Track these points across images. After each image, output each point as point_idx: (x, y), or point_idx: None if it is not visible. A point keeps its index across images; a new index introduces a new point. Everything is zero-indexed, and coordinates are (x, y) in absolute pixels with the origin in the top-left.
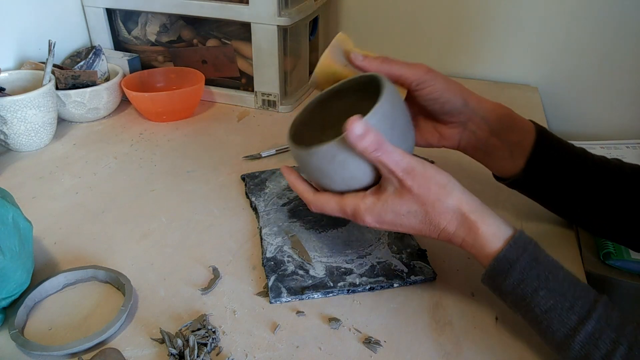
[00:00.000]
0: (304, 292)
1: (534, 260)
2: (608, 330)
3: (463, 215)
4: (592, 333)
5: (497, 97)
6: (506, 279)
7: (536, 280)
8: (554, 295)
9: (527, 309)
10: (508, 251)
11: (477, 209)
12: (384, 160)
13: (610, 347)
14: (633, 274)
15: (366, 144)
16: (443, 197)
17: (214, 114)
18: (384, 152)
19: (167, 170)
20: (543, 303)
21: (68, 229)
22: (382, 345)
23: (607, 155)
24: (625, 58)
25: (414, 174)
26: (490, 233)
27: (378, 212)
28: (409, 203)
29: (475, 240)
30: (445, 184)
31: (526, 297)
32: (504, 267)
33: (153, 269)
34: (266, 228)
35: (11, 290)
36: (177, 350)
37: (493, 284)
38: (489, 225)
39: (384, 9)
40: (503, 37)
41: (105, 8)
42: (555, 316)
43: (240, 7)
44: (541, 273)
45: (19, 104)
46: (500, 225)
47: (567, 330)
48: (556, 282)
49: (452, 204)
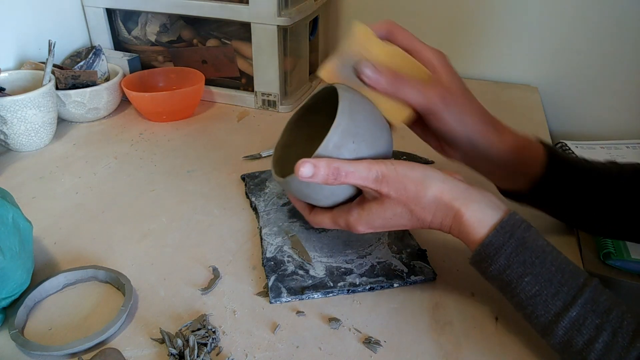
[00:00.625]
0: (304, 292)
1: (520, 246)
2: (592, 316)
3: (445, 204)
4: (576, 319)
5: (497, 97)
6: (491, 264)
7: (522, 266)
8: (540, 281)
9: (513, 294)
10: (494, 237)
11: (460, 196)
12: (349, 182)
13: (594, 333)
14: (633, 274)
15: (322, 178)
16: (422, 192)
17: (214, 114)
18: (346, 175)
19: (167, 170)
20: (528, 289)
21: (68, 229)
22: (382, 345)
23: (607, 156)
24: (625, 58)
25: (386, 180)
26: (476, 219)
27: (367, 221)
28: (392, 207)
29: (460, 227)
30: (423, 179)
31: (511, 283)
32: (490, 253)
33: (153, 269)
34: (266, 228)
35: (11, 290)
36: (177, 350)
37: (479, 268)
38: (473, 211)
39: (384, 8)
40: (503, 37)
41: (105, 8)
42: (540, 302)
43: (240, 7)
44: (527, 259)
45: (19, 104)
46: (486, 210)
47: (551, 316)
48: (543, 268)
49: (432, 195)
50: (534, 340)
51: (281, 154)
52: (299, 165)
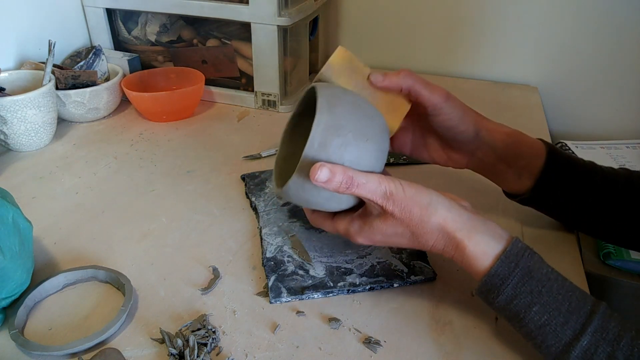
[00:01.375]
0: (304, 292)
1: (526, 275)
2: (604, 344)
3: (448, 234)
4: (587, 348)
5: (497, 97)
6: (498, 295)
7: (529, 296)
8: (548, 310)
9: (521, 325)
10: (499, 267)
11: (464, 227)
12: (358, 194)
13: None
14: (633, 274)
15: (335, 185)
16: (426, 217)
17: (214, 114)
18: (357, 186)
19: (167, 170)
20: (537, 319)
21: (68, 229)
22: (382, 345)
23: (607, 156)
24: (626, 58)
25: (393, 199)
26: (479, 251)
27: (367, 234)
28: (394, 226)
29: (462, 258)
30: (428, 204)
31: (519, 313)
32: (496, 284)
33: (153, 269)
34: (266, 228)
35: (11, 290)
36: (177, 350)
37: (486, 299)
38: (476, 243)
39: (384, 8)
40: (503, 37)
41: (105, 8)
42: (550, 331)
43: (240, 7)
44: (534, 288)
45: (19, 104)
46: (490, 241)
47: (562, 346)
48: (550, 296)
49: (436, 223)
50: None
51: (282, 166)
52: (316, 168)
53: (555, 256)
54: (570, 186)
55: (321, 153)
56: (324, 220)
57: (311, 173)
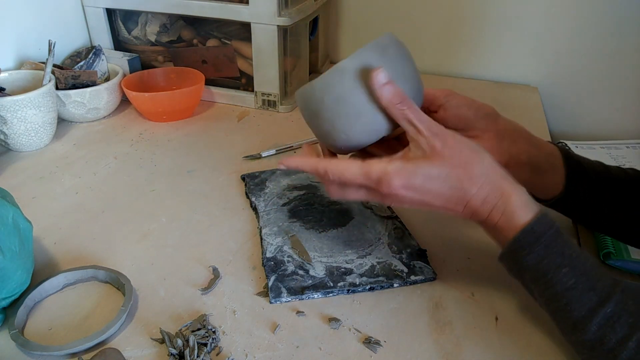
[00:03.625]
0: (304, 292)
1: (559, 238)
2: (626, 315)
3: (495, 180)
4: (611, 316)
5: (497, 97)
6: (530, 252)
7: (560, 257)
8: (576, 274)
9: (547, 286)
10: (536, 224)
11: (508, 177)
12: (410, 116)
13: (628, 332)
14: (633, 274)
15: (390, 95)
16: (475, 161)
17: (214, 114)
18: (410, 107)
19: (167, 170)
20: (565, 280)
21: (68, 229)
22: (382, 345)
23: (607, 156)
24: (626, 58)
25: (443, 137)
26: (522, 202)
27: (407, 175)
28: (440, 166)
29: (506, 207)
30: (478, 150)
31: (548, 273)
32: (530, 240)
33: (153, 269)
34: (266, 228)
35: (11, 290)
36: (177, 350)
37: (514, 257)
38: (520, 194)
39: (384, 8)
40: (503, 37)
41: (105, 8)
42: (576, 295)
43: (240, 7)
44: (566, 251)
45: (19, 104)
46: (529, 198)
47: (586, 310)
48: (579, 261)
49: (484, 168)
50: (534, 340)
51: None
52: (377, 70)
53: None
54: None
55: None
56: (349, 164)
57: (372, 71)
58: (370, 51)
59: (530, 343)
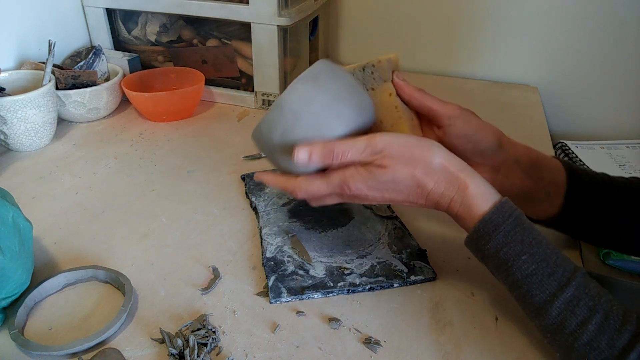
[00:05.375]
0: (304, 292)
1: (518, 225)
2: (586, 298)
3: (452, 173)
4: (571, 300)
5: (497, 97)
6: (490, 241)
7: (519, 245)
8: (536, 261)
9: (509, 273)
10: (494, 214)
11: (465, 169)
12: (350, 159)
13: (587, 315)
14: (633, 274)
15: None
16: (429, 158)
17: (214, 114)
18: (342, 154)
19: (167, 170)
20: (525, 267)
21: (68, 229)
22: (382, 345)
23: (607, 156)
24: (625, 58)
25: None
26: (479, 193)
27: (362, 179)
28: (393, 171)
29: (463, 198)
30: (429, 147)
31: (508, 261)
32: (489, 230)
33: (153, 269)
34: (266, 228)
35: (11, 290)
36: (177, 350)
37: (476, 246)
38: (477, 185)
39: (384, 8)
40: (503, 37)
41: (105, 8)
42: (536, 281)
43: (240, 7)
44: (525, 238)
45: (19, 104)
46: (488, 187)
47: (546, 295)
48: (539, 248)
49: (438, 162)
50: (534, 340)
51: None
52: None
53: None
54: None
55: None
56: (312, 179)
57: (294, 155)
58: (303, 82)
59: (530, 343)
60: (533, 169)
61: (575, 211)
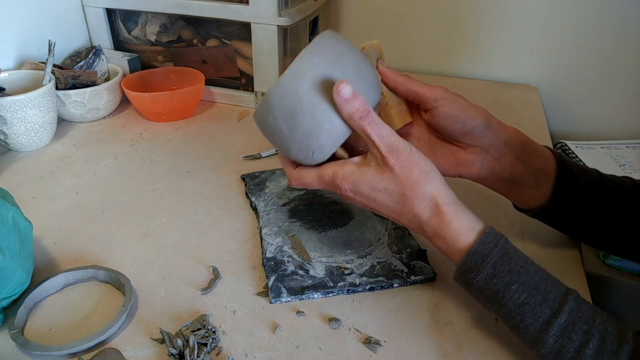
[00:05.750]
0: (304, 292)
1: (505, 255)
2: (580, 322)
3: (438, 205)
4: (565, 326)
5: (497, 97)
6: (478, 274)
7: (508, 275)
8: (527, 289)
9: (500, 304)
10: (480, 245)
11: (453, 203)
12: (368, 131)
13: (583, 339)
14: (633, 274)
15: (352, 109)
16: (423, 182)
17: (214, 114)
18: (370, 122)
19: (167, 170)
20: (516, 297)
21: (68, 229)
22: (382, 345)
23: (607, 156)
24: (625, 58)
25: (398, 154)
26: (464, 226)
27: (355, 181)
28: (387, 181)
29: (446, 232)
30: (428, 172)
31: (499, 292)
32: (476, 262)
33: (153, 269)
34: (266, 228)
35: (11, 290)
36: (177, 350)
37: (465, 280)
38: (461, 218)
39: (384, 8)
40: (503, 37)
41: (105, 8)
42: (529, 310)
43: (240, 7)
44: (513, 267)
45: (19, 104)
46: (473, 220)
47: (541, 324)
48: (528, 276)
49: (429, 191)
50: None
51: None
52: (340, 84)
53: (555, 256)
54: (584, 193)
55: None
56: (308, 171)
57: (335, 87)
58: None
59: None
60: (523, 153)
61: (564, 203)
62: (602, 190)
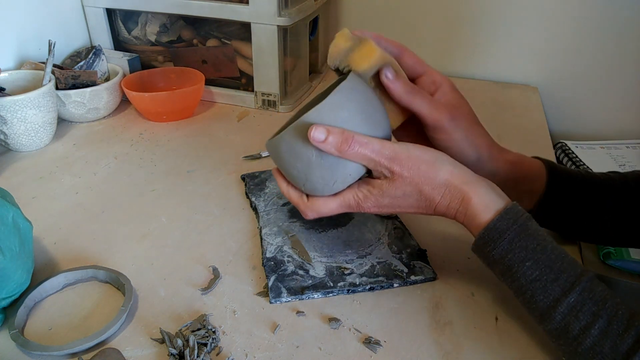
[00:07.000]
0: (304, 292)
1: (523, 232)
2: (590, 303)
3: (455, 187)
4: (574, 305)
5: (497, 97)
6: (494, 248)
7: (523, 251)
8: (540, 267)
9: (513, 279)
10: (498, 221)
11: (469, 180)
12: (362, 152)
13: (590, 320)
14: (633, 274)
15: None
16: (433, 173)
17: (214, 114)
18: (359, 144)
19: (167, 170)
20: (529, 273)
21: (68, 229)
22: (382, 345)
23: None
24: (625, 58)
25: (399, 160)
26: (483, 203)
27: (375, 199)
28: (402, 186)
29: (467, 210)
30: (434, 161)
31: (513, 267)
32: (493, 237)
33: (153, 269)
34: (266, 228)
35: (11, 290)
36: (177, 350)
37: (482, 252)
38: (480, 195)
39: (384, 8)
40: (503, 37)
41: (105, 8)
42: (540, 287)
43: (240, 7)
44: (529, 244)
45: (19, 104)
46: (493, 196)
47: (550, 301)
48: (543, 254)
49: (443, 178)
50: (534, 340)
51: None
52: (312, 128)
53: None
54: (572, 201)
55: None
56: (326, 201)
57: (308, 133)
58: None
59: (530, 343)
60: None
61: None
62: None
